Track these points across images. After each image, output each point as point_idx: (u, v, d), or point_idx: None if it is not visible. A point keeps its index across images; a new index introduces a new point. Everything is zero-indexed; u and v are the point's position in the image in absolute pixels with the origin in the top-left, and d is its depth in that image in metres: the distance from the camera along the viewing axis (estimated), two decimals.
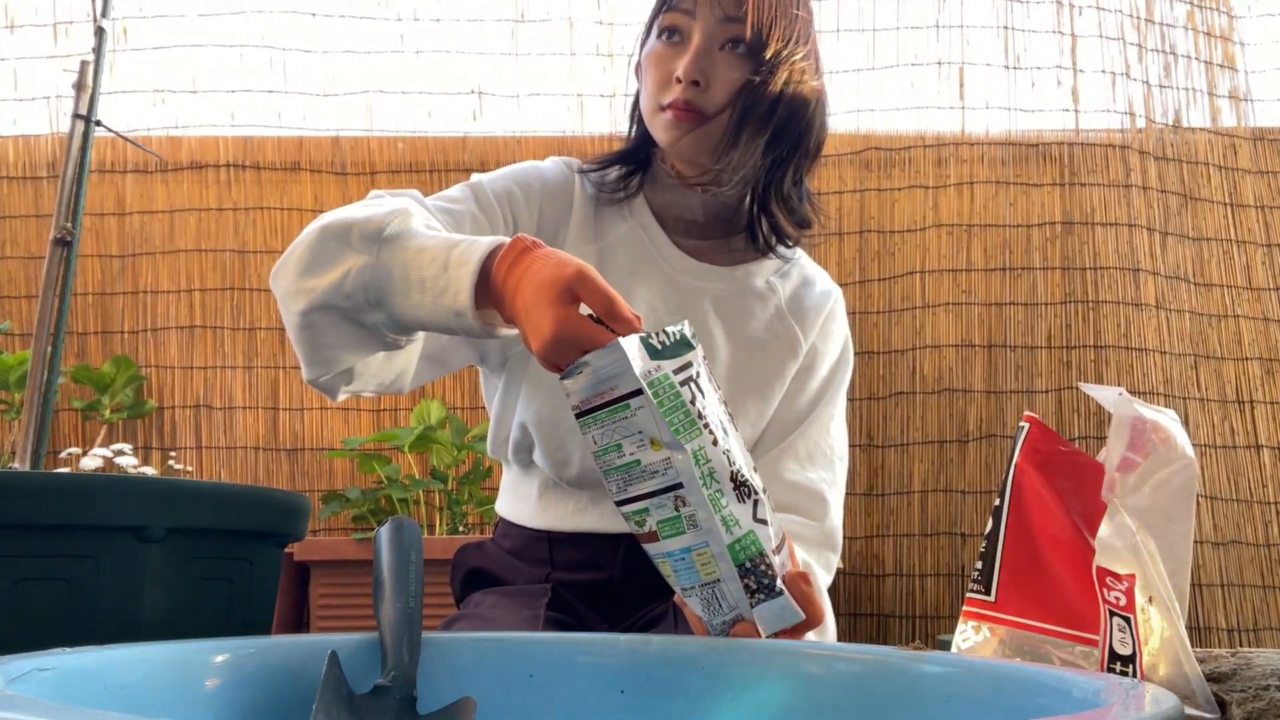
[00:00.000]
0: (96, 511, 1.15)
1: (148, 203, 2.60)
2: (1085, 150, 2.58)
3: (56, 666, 0.45)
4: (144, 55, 2.59)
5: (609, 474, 0.69)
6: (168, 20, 2.60)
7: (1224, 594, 2.45)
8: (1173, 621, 0.65)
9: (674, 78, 0.96)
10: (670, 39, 0.97)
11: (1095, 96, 2.61)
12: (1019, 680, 0.52)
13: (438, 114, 2.61)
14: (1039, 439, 0.77)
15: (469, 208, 0.98)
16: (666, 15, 0.97)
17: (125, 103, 2.57)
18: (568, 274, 0.70)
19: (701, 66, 0.95)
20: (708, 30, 0.95)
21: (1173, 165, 2.59)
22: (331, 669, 0.54)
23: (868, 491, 2.56)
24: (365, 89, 2.61)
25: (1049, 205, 2.58)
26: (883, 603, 2.53)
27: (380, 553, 0.63)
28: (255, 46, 2.59)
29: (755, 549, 0.69)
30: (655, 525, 0.69)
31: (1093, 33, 2.60)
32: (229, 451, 2.56)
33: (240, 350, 2.58)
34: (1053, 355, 2.55)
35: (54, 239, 1.59)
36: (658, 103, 0.98)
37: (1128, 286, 2.53)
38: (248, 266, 2.59)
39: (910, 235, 2.59)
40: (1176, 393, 2.50)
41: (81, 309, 2.59)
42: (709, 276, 1.05)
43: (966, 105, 2.61)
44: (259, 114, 2.61)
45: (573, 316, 0.69)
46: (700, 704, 0.60)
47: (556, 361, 0.69)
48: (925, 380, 2.56)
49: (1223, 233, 2.59)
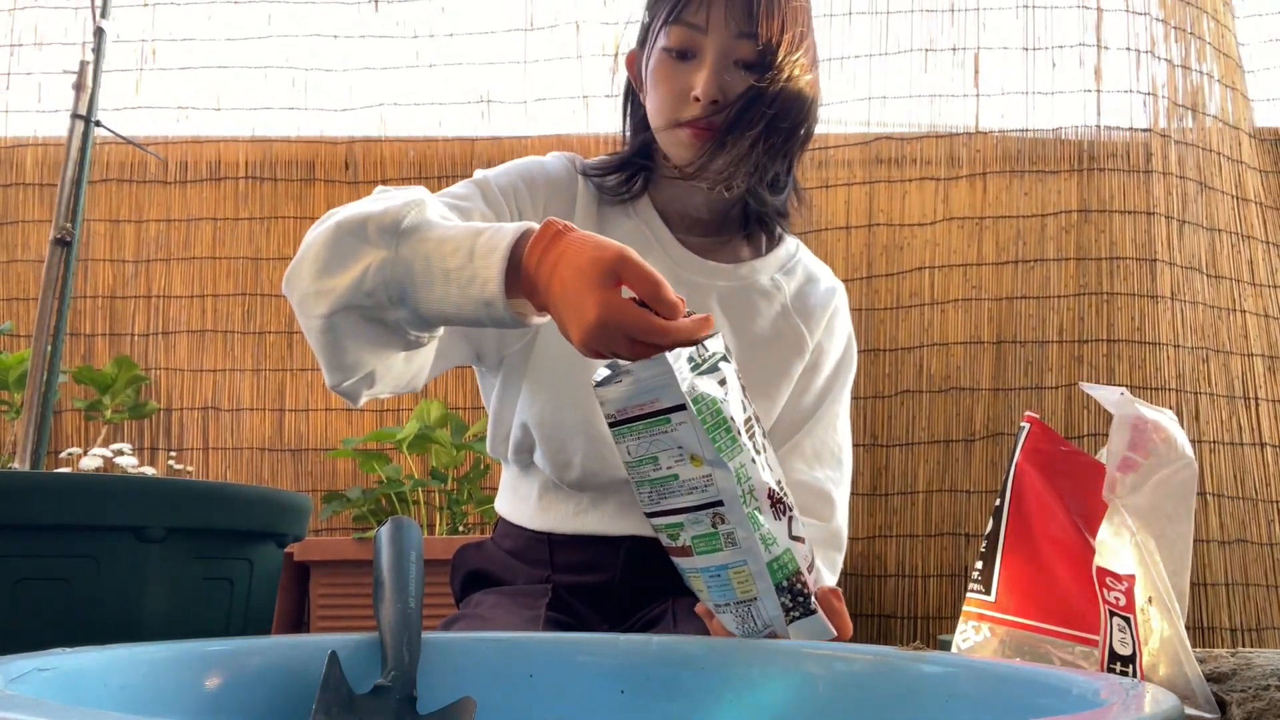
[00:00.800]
0: (97, 511, 1.15)
1: (165, 211, 2.68)
2: (1105, 134, 2.51)
3: (57, 666, 0.45)
4: (170, 75, 2.72)
5: (642, 485, 0.67)
6: (196, 43, 2.72)
7: (1228, 593, 2.43)
8: (1173, 621, 0.65)
9: (691, 96, 0.94)
10: (682, 56, 0.96)
11: (1118, 77, 2.52)
12: (1019, 680, 0.52)
13: (448, 123, 2.71)
14: (1040, 439, 0.76)
15: (476, 204, 0.97)
16: (675, 29, 0.95)
17: (150, 117, 2.69)
18: (609, 255, 0.68)
19: (719, 84, 0.94)
20: (722, 47, 0.94)
21: (1191, 150, 2.52)
22: (332, 669, 0.54)
23: (871, 491, 2.54)
24: (380, 102, 2.70)
25: (1065, 193, 2.51)
26: (884, 603, 2.51)
27: (380, 553, 0.63)
28: (278, 68, 2.72)
29: (792, 567, 0.68)
30: (690, 541, 0.67)
31: (1119, 6, 2.52)
32: (235, 452, 2.60)
33: (249, 354, 2.63)
34: (1063, 350, 2.49)
35: (53, 239, 1.59)
36: (673, 119, 0.96)
37: (1144, 278, 2.46)
38: (260, 273, 2.65)
39: (920, 229, 2.54)
40: (1188, 388, 2.46)
41: (91, 311, 2.64)
42: (714, 274, 1.05)
43: (981, 92, 2.54)
44: (277, 128, 2.73)
45: (616, 300, 0.67)
46: (700, 704, 0.60)
47: (599, 349, 0.68)
48: (932, 379, 2.52)
49: (1232, 224, 2.55)
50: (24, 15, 2.72)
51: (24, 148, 2.69)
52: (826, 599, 0.71)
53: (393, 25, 2.72)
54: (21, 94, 2.70)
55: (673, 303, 0.67)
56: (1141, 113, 2.53)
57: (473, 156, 2.66)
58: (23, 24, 2.72)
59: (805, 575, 0.69)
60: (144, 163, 2.66)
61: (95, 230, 2.68)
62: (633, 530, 1.03)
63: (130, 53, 2.70)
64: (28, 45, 2.72)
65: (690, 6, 0.94)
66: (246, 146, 2.70)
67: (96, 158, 2.67)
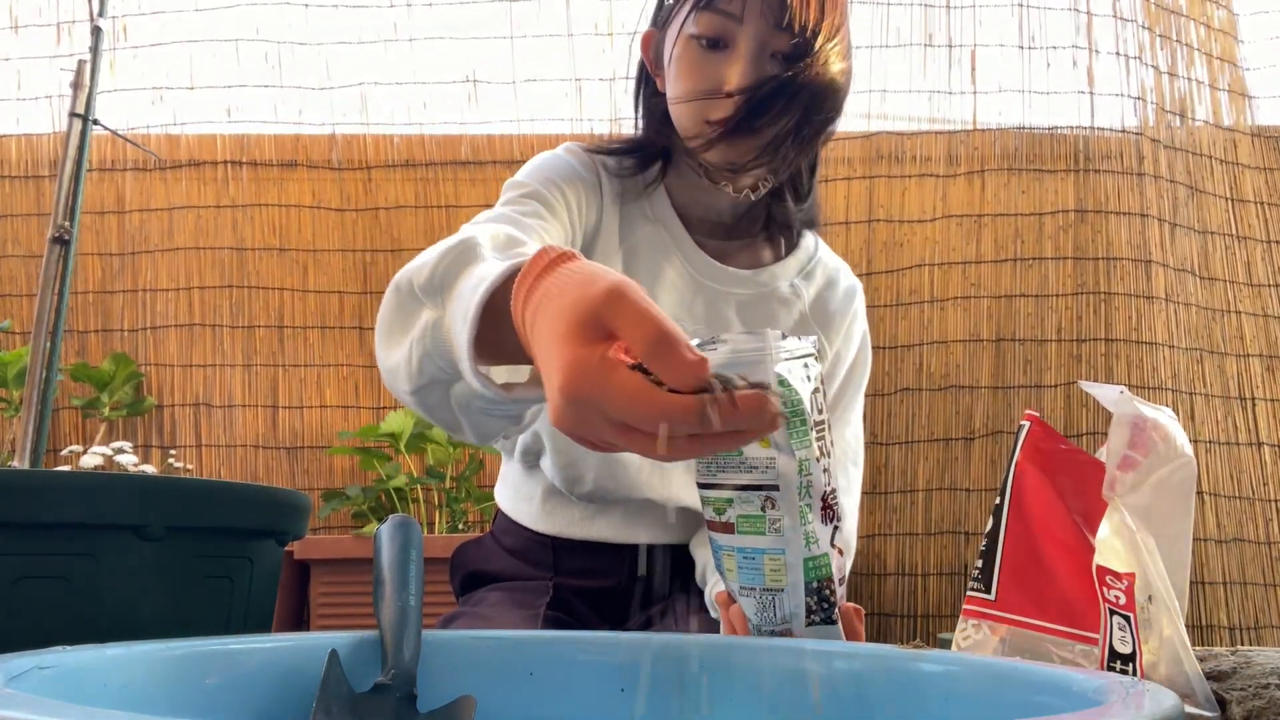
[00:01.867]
0: (96, 509, 1.14)
1: (146, 200, 2.60)
2: (1099, 136, 2.54)
3: (56, 665, 0.45)
4: (142, 53, 2.60)
5: None
6: (165, 16, 2.60)
7: (1226, 591, 2.44)
8: (1172, 620, 0.65)
9: (724, 91, 0.86)
10: (712, 46, 0.88)
11: (1109, 80, 2.55)
12: (1019, 678, 0.52)
13: (433, 104, 2.57)
14: (1040, 437, 0.76)
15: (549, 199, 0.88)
16: (706, 16, 0.87)
17: (124, 101, 2.58)
18: (593, 294, 0.48)
19: (758, 80, 0.87)
20: (759, 37, 0.86)
21: (1180, 155, 2.56)
22: (332, 667, 0.54)
23: (871, 490, 2.54)
24: (360, 80, 2.59)
25: (1062, 192, 2.54)
26: (884, 602, 2.51)
27: (380, 551, 0.63)
28: (251, 40, 2.59)
29: (826, 572, 0.68)
30: (735, 518, 0.67)
31: (1107, 12, 2.56)
32: (229, 450, 2.57)
33: (239, 348, 2.58)
34: (1062, 348, 2.52)
35: (52, 237, 1.59)
36: (703, 117, 0.88)
37: (1140, 278, 2.49)
38: (246, 264, 2.58)
39: (920, 226, 2.55)
40: (1183, 388, 2.48)
41: (82, 307, 2.60)
42: (733, 281, 1.01)
43: (979, 90, 2.55)
44: (255, 110, 2.61)
45: (593, 361, 0.46)
46: (700, 704, 0.60)
47: (573, 431, 0.49)
48: (931, 376, 2.53)
49: (1225, 227, 2.57)
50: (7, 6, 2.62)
51: (7, 139, 2.62)
52: (849, 615, 0.71)
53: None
54: (4, 86, 2.61)
55: (684, 364, 0.45)
56: (1132, 116, 2.56)
57: (461, 147, 2.57)
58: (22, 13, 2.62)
59: (835, 585, 0.70)
60: (124, 151, 2.58)
61: (83, 223, 2.61)
62: (639, 539, 1.02)
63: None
64: (4, 29, 2.61)
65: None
66: (220, 127, 2.59)
67: None
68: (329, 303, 2.59)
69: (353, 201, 2.57)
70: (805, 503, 0.66)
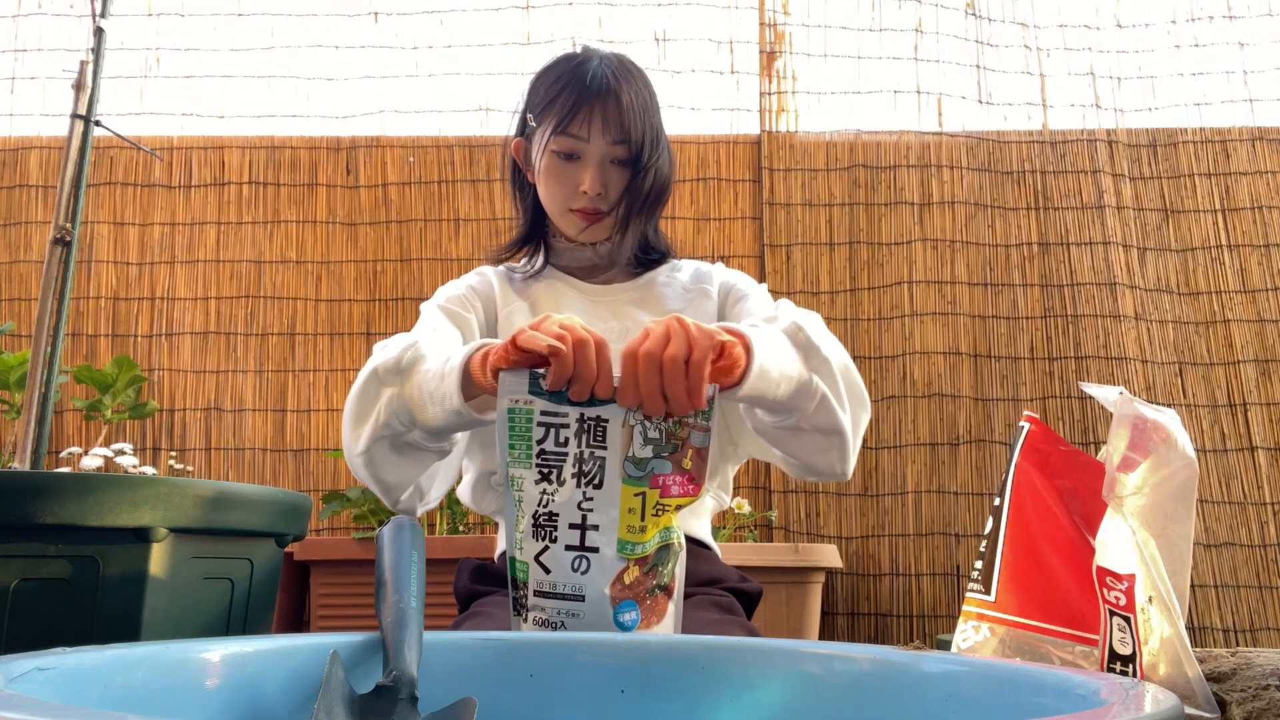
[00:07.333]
0: (98, 511, 1.15)
1: (169, 214, 2.72)
2: (1057, 177, 2.72)
3: (57, 666, 0.45)
4: (175, 83, 2.80)
5: None
6: (201, 52, 2.81)
7: (1218, 594, 2.47)
8: (1173, 621, 0.65)
9: (579, 190, 1.18)
10: (568, 158, 1.18)
11: (1064, 118, 2.80)
12: (1019, 680, 0.52)
13: (446, 130, 2.81)
14: (1039, 439, 0.77)
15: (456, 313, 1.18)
16: (561, 139, 1.17)
17: (154, 123, 2.77)
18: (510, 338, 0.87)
19: (602, 180, 1.17)
20: (601, 151, 1.16)
21: (1153, 183, 2.70)
22: (333, 668, 0.54)
23: (863, 492, 2.58)
24: (380, 109, 2.77)
25: (1025, 228, 2.71)
26: (880, 602, 2.54)
27: (382, 552, 0.63)
28: (282, 78, 2.81)
29: (524, 574, 0.82)
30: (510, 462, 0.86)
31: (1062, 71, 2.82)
32: (238, 453, 2.63)
33: (252, 355, 2.67)
34: (1036, 366, 2.64)
35: (53, 239, 1.59)
36: (566, 206, 1.19)
37: (1105, 301, 2.63)
38: (263, 276, 2.69)
39: (898, 248, 2.70)
40: (1160, 399, 2.55)
41: (94, 312, 2.68)
42: (621, 290, 1.25)
43: (945, 130, 2.79)
44: (280, 133, 2.80)
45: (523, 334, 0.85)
46: (700, 704, 0.60)
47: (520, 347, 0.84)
48: (916, 385, 2.63)
49: (1212, 239, 2.66)
50: (28, 21, 2.78)
51: (29, 150, 2.72)
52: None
53: (392, 36, 2.82)
54: (26, 97, 2.76)
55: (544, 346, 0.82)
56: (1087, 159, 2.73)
57: (470, 164, 2.74)
58: (27, 30, 2.77)
59: (526, 589, 0.82)
60: (149, 166, 2.71)
61: (99, 232, 2.71)
62: None
63: (135, 60, 2.77)
64: (32, 50, 2.77)
65: (575, 121, 1.16)
66: (249, 150, 2.75)
67: (102, 161, 2.70)
68: (339, 311, 2.69)
69: (366, 215, 2.72)
70: (516, 511, 0.83)
